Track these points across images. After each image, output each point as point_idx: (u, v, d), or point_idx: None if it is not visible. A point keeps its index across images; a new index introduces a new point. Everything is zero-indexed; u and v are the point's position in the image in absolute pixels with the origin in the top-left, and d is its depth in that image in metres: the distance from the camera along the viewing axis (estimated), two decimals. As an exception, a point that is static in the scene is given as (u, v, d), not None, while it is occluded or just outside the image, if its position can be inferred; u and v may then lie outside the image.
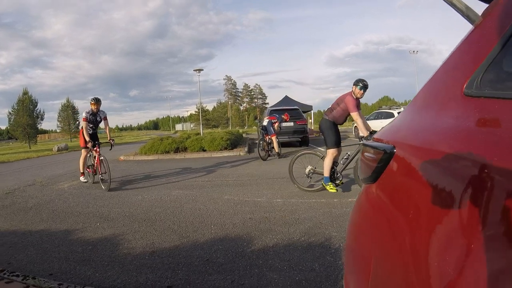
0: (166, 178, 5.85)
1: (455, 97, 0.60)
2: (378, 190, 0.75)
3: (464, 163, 0.50)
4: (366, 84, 3.81)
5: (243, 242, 2.50)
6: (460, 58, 0.66)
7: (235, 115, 65.79)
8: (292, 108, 11.72)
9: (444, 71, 0.68)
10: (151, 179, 5.80)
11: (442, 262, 0.49)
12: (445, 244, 0.50)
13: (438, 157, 0.54)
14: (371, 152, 0.78)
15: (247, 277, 1.93)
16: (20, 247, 2.64)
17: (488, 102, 0.54)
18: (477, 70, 0.58)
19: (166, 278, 1.98)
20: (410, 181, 0.63)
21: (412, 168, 0.62)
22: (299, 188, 4.20)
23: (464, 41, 0.67)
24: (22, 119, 23.62)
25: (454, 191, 0.51)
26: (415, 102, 0.75)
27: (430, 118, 0.65)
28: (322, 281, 1.84)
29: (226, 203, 3.81)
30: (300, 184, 4.22)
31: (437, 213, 0.53)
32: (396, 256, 0.62)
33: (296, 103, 20.11)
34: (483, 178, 0.46)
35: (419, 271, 0.54)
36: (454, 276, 0.47)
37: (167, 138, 11.17)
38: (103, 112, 5.54)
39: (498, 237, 0.42)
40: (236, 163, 7.67)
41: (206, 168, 7.03)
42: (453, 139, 0.54)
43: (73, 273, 2.11)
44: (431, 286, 0.51)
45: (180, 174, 6.28)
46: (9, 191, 5.35)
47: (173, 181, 5.46)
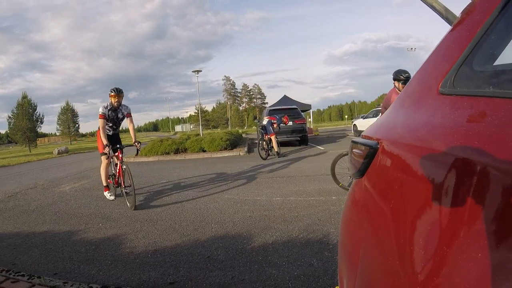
0: (166, 178, 5.90)
1: (432, 95, 0.65)
2: (365, 184, 0.80)
3: (437, 157, 0.55)
4: (409, 76, 3.35)
5: (243, 240, 2.55)
6: (437, 58, 0.71)
7: (234, 115, 65.84)
8: (291, 108, 11.77)
9: (423, 70, 0.74)
10: (151, 180, 5.84)
11: (424, 251, 0.54)
12: (425, 234, 0.55)
13: (414, 151, 0.59)
14: (358, 148, 0.83)
15: (247, 273, 1.98)
16: (24, 249, 2.69)
17: (460, 99, 0.59)
18: (451, 70, 0.63)
19: (168, 275, 2.03)
20: (393, 174, 0.68)
21: (393, 161, 0.67)
22: (341, 187, 4.01)
23: (441, 42, 0.72)
24: (22, 123, 23.68)
25: (431, 184, 0.55)
26: (397, 100, 0.81)
27: (408, 115, 0.70)
28: (320, 276, 1.89)
29: (226, 202, 3.86)
30: (342, 183, 4.05)
31: (417, 205, 0.58)
32: (380, 246, 0.67)
33: (294, 103, 20.16)
34: (455, 170, 0.51)
35: (402, 260, 0.59)
36: (435, 265, 0.52)
37: (167, 140, 11.22)
38: (126, 107, 4.19)
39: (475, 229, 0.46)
40: (236, 163, 7.72)
41: (206, 168, 7.08)
42: (427, 134, 0.59)
43: (77, 272, 2.15)
44: (414, 275, 0.55)
45: (181, 174, 6.33)
46: (11, 194, 5.39)
47: (174, 181, 5.51)
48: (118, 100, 4.02)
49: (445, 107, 0.60)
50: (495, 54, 0.60)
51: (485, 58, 0.61)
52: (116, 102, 4.01)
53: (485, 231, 0.42)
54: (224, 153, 10.03)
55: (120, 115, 4.21)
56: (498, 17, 0.58)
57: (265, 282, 1.86)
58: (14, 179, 7.74)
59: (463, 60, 0.62)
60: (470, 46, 0.62)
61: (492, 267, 0.40)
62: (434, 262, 0.51)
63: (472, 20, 0.64)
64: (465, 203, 0.48)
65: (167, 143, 10.61)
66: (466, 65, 0.61)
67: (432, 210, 0.52)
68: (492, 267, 0.40)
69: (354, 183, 0.92)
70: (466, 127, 0.55)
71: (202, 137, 11.38)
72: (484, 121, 0.51)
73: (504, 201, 0.41)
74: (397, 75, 3.45)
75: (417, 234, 0.54)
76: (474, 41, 0.61)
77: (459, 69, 0.62)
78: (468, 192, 0.48)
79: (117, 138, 4.42)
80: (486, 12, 0.61)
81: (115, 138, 4.35)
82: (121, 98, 4.04)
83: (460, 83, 0.61)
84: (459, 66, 0.62)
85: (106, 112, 4.04)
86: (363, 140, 0.83)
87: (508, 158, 0.42)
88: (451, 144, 0.53)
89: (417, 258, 0.54)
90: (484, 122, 0.51)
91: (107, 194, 4.32)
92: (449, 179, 0.52)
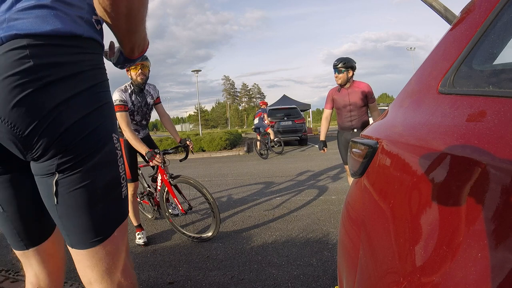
0: (166, 178, 5.89)
1: (431, 95, 0.65)
2: (364, 183, 0.80)
3: (436, 156, 0.55)
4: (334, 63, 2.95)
5: (242, 239, 2.55)
6: (437, 57, 0.71)
7: (234, 115, 65.86)
8: (290, 107, 11.78)
9: (423, 70, 0.73)
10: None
11: (423, 250, 0.54)
12: (425, 233, 0.55)
13: (413, 150, 0.59)
14: (358, 148, 0.83)
15: (247, 273, 1.98)
16: (23, 248, 2.69)
17: (460, 99, 0.59)
18: (450, 69, 0.63)
19: (167, 274, 2.03)
20: (392, 173, 0.68)
21: (392, 161, 0.67)
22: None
23: (441, 42, 0.72)
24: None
25: (430, 183, 0.55)
26: (397, 100, 0.81)
27: (407, 115, 0.70)
28: (320, 276, 1.89)
29: (225, 201, 3.86)
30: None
31: (417, 204, 0.58)
32: (380, 246, 0.67)
33: (294, 102, 20.19)
34: (455, 169, 0.51)
35: (401, 260, 0.59)
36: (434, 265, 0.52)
37: (166, 139, 11.21)
38: (154, 86, 2.64)
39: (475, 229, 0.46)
40: (235, 163, 7.72)
41: (205, 167, 7.08)
42: (426, 134, 0.59)
43: (76, 271, 2.15)
44: (414, 275, 0.55)
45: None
46: (10, 194, 5.39)
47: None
48: (143, 73, 2.36)
49: (444, 107, 0.60)
50: (495, 53, 0.60)
51: (485, 57, 0.61)
52: (139, 76, 2.35)
53: (485, 231, 0.42)
54: (224, 153, 10.03)
55: (150, 100, 2.57)
56: (498, 16, 0.58)
57: (264, 281, 1.86)
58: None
59: (463, 59, 0.62)
60: (470, 45, 0.61)
61: (492, 267, 0.40)
62: (434, 262, 0.51)
63: (471, 19, 0.64)
64: (465, 203, 0.48)
65: (166, 143, 10.61)
66: (465, 64, 0.61)
67: (432, 209, 0.52)
68: (492, 267, 0.40)
69: (354, 183, 0.92)
70: (465, 126, 0.55)
71: (202, 137, 11.39)
72: (484, 120, 0.51)
73: (504, 201, 0.40)
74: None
75: (417, 233, 0.54)
76: (474, 40, 0.61)
77: (459, 68, 0.62)
78: (468, 191, 0.48)
79: (151, 141, 2.79)
80: (485, 11, 0.61)
81: (148, 143, 2.67)
82: (147, 69, 2.39)
83: (460, 83, 0.61)
84: (459, 65, 0.62)
85: (126, 97, 2.35)
86: (363, 139, 0.83)
87: (508, 157, 0.42)
88: (451, 143, 0.53)
89: (417, 258, 0.54)
90: (484, 121, 0.51)
91: (139, 239, 2.59)
92: (449, 178, 0.51)
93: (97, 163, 0.69)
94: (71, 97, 0.64)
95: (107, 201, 0.73)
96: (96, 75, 0.71)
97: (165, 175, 2.55)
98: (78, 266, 0.76)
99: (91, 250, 0.73)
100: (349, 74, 2.90)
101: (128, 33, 0.74)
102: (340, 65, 2.88)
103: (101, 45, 0.75)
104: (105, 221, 0.73)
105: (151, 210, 3.10)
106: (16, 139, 0.62)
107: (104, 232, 0.73)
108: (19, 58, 0.59)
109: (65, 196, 0.68)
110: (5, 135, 0.62)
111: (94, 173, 0.69)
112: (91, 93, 0.68)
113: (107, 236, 0.73)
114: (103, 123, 0.70)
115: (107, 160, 0.72)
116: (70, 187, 0.67)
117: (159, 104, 2.67)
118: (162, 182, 2.60)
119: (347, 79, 2.91)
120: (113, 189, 0.74)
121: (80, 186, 0.68)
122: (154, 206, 3.00)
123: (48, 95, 0.61)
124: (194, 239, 2.57)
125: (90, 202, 0.69)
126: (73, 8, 0.66)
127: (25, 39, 0.60)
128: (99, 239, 0.72)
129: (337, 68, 2.90)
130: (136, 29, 0.73)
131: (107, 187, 0.72)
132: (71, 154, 0.66)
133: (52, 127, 0.63)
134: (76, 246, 0.73)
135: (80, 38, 0.66)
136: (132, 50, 0.80)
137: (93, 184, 0.69)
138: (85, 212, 0.69)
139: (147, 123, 2.70)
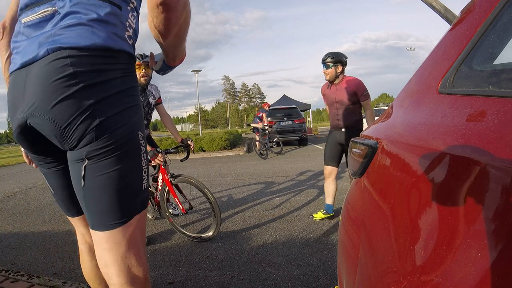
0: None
1: (431, 95, 0.65)
2: (364, 183, 0.80)
3: (436, 156, 0.55)
4: (322, 58, 2.84)
5: (242, 239, 2.55)
6: (437, 57, 0.71)
7: (234, 115, 65.83)
8: (290, 107, 11.78)
9: (423, 70, 0.73)
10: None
11: (423, 250, 0.54)
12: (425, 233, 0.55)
13: (413, 150, 0.59)
14: (358, 148, 0.83)
15: (247, 273, 1.98)
16: (23, 248, 2.69)
17: (460, 99, 0.59)
18: (450, 69, 0.63)
19: (167, 274, 2.03)
20: (392, 173, 0.68)
21: (392, 161, 0.67)
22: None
23: (441, 41, 0.72)
24: (21, 122, 23.59)
25: (430, 183, 0.55)
26: (397, 100, 0.81)
27: (407, 115, 0.70)
28: (320, 276, 1.89)
29: (225, 201, 3.86)
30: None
31: (417, 204, 0.58)
32: (379, 246, 0.67)
33: (294, 102, 20.19)
34: (455, 169, 0.51)
35: (401, 260, 0.59)
36: (434, 265, 0.52)
37: (166, 139, 11.21)
38: (156, 86, 2.67)
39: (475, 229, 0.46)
40: (235, 163, 7.72)
41: (205, 167, 7.08)
42: (426, 134, 0.59)
43: (77, 272, 2.15)
44: (414, 275, 0.55)
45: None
46: (10, 194, 5.39)
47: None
48: (147, 73, 2.36)
49: (444, 107, 0.60)
50: (495, 53, 0.60)
51: (485, 57, 0.61)
52: (143, 76, 2.34)
53: (485, 231, 0.42)
54: (224, 153, 10.03)
55: (152, 100, 2.58)
56: (498, 16, 0.58)
57: (264, 281, 1.86)
58: (14, 178, 7.73)
59: (463, 59, 0.62)
60: (470, 45, 0.61)
61: (492, 267, 0.40)
62: (433, 262, 0.51)
63: (471, 19, 0.64)
64: (465, 203, 0.48)
65: (166, 143, 10.61)
66: (465, 64, 0.61)
67: (432, 209, 0.52)
68: (492, 267, 0.40)
69: (354, 183, 0.92)
70: (465, 126, 0.55)
71: (202, 137, 11.39)
72: (484, 120, 0.51)
73: (504, 201, 0.40)
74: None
75: (417, 233, 0.54)
76: (474, 40, 0.61)
77: (459, 68, 0.62)
78: (468, 191, 0.48)
79: (152, 141, 2.85)
80: (485, 11, 0.61)
81: (150, 142, 2.74)
82: (150, 70, 2.38)
83: (460, 83, 0.61)
84: (459, 65, 0.62)
85: None
86: (363, 140, 0.83)
87: (508, 157, 0.42)
88: (451, 143, 0.53)
89: (417, 258, 0.54)
90: (484, 121, 0.51)
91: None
92: (448, 178, 0.51)
93: (121, 154, 0.80)
94: (103, 98, 0.76)
95: (127, 189, 0.82)
96: (127, 81, 0.83)
97: (166, 175, 2.55)
98: (97, 249, 0.85)
99: (109, 233, 0.81)
100: (338, 70, 2.77)
101: (174, 47, 0.89)
102: (328, 60, 2.77)
103: (132, 56, 0.86)
104: (124, 208, 0.81)
105: (151, 210, 3.09)
106: (56, 132, 0.76)
107: (122, 217, 0.81)
108: (62, 66, 0.73)
109: (91, 180, 0.79)
110: (47, 128, 0.76)
111: (118, 163, 0.79)
112: (120, 96, 0.80)
113: (125, 222, 0.82)
114: (129, 121, 0.81)
115: (131, 153, 0.82)
116: (97, 173, 0.78)
117: (160, 105, 2.70)
118: (163, 182, 2.61)
119: (335, 74, 2.79)
120: (134, 180, 0.84)
121: (105, 173, 0.78)
122: (154, 206, 3.00)
123: (83, 96, 0.74)
124: (194, 239, 2.57)
125: (112, 188, 0.79)
126: (108, 25, 0.79)
127: (67, 51, 0.73)
128: (117, 223, 0.81)
129: (325, 63, 2.79)
130: (181, 43, 0.89)
131: (129, 177, 0.82)
132: (99, 144, 0.77)
133: (85, 122, 0.75)
134: (96, 227, 0.82)
135: (113, 50, 0.79)
136: (174, 59, 0.95)
137: (116, 172, 0.79)
138: (107, 197, 0.79)
139: (148, 123, 2.73)
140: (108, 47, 0.77)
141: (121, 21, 0.82)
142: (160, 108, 2.71)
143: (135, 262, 0.84)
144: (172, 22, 0.77)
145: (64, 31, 0.75)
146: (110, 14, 0.80)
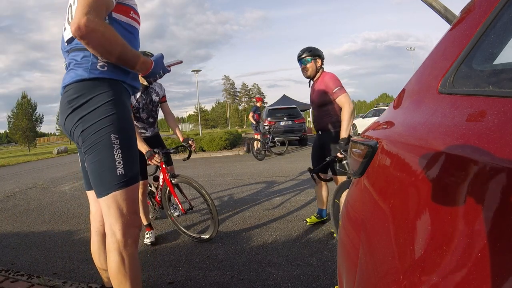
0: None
1: (431, 95, 0.65)
2: (364, 183, 0.80)
3: (436, 156, 0.55)
4: (298, 55, 2.60)
5: (242, 239, 2.55)
6: (437, 57, 0.70)
7: (234, 115, 65.80)
8: (290, 107, 11.77)
9: (423, 70, 0.73)
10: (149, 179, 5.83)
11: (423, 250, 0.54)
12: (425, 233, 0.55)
13: (413, 150, 0.59)
14: (358, 148, 0.83)
15: (247, 273, 1.98)
16: (23, 248, 2.69)
17: (460, 98, 0.59)
18: (450, 69, 0.63)
19: (167, 274, 2.03)
20: (392, 173, 0.68)
21: (392, 161, 0.67)
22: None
23: (441, 41, 0.72)
24: (22, 122, 23.62)
25: (430, 183, 0.55)
26: (396, 100, 0.81)
27: (407, 115, 0.70)
28: (320, 275, 1.89)
29: (225, 201, 3.86)
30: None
31: (417, 204, 0.58)
32: (379, 246, 0.67)
33: (294, 102, 20.18)
34: (455, 169, 0.51)
35: (401, 260, 0.59)
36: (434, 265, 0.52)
37: (166, 139, 11.21)
38: (160, 84, 2.66)
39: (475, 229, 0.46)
40: (235, 163, 7.72)
41: (205, 167, 7.08)
42: (426, 134, 0.59)
43: (76, 272, 2.15)
44: (414, 275, 0.55)
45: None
46: (10, 194, 5.39)
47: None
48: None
49: (444, 106, 0.60)
50: (494, 53, 0.59)
51: (485, 57, 0.61)
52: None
53: (485, 231, 0.42)
54: (224, 153, 10.03)
55: (155, 97, 2.57)
56: (498, 16, 0.58)
57: (264, 281, 1.86)
58: (14, 178, 7.73)
59: (463, 59, 0.62)
60: (470, 45, 0.61)
61: (492, 267, 0.40)
62: (433, 262, 0.51)
63: (471, 19, 0.64)
64: (465, 203, 0.48)
65: (166, 143, 10.59)
66: (465, 64, 0.61)
67: (432, 209, 0.52)
68: (492, 267, 0.40)
69: (354, 183, 0.92)
70: (465, 126, 0.55)
71: (202, 137, 11.38)
72: (484, 120, 0.51)
73: (504, 201, 0.40)
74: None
75: (417, 233, 0.54)
76: (474, 40, 0.61)
77: (459, 68, 0.62)
78: (468, 191, 0.48)
79: (159, 140, 2.79)
80: (485, 11, 0.61)
81: (155, 141, 2.68)
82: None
83: (460, 82, 0.61)
84: (459, 65, 0.62)
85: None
86: (363, 139, 0.83)
87: (508, 157, 0.42)
88: (451, 143, 0.53)
89: (417, 258, 0.54)
90: (484, 121, 0.51)
91: (146, 237, 2.61)
92: (448, 178, 0.51)
93: (97, 151, 1.18)
94: (84, 115, 1.18)
95: (105, 174, 1.19)
96: (103, 98, 1.19)
97: (167, 174, 2.57)
98: (104, 215, 1.24)
99: (102, 200, 1.22)
100: (318, 64, 2.51)
101: (127, 66, 1.24)
102: (305, 55, 2.50)
103: (106, 79, 1.21)
104: (105, 185, 1.20)
105: (152, 210, 3.08)
106: (69, 136, 1.27)
107: (104, 191, 1.20)
108: (65, 95, 1.22)
109: (89, 166, 1.22)
110: (66, 134, 1.29)
111: (96, 156, 1.19)
112: (98, 111, 1.18)
113: (106, 194, 1.20)
114: (105, 127, 1.18)
115: (103, 150, 1.18)
116: (89, 161, 1.21)
117: (165, 103, 2.73)
118: (164, 182, 2.62)
119: (316, 69, 2.52)
120: (109, 168, 1.19)
121: (91, 162, 1.20)
122: (154, 206, 3.00)
123: (74, 115, 1.19)
124: (194, 239, 2.58)
125: (96, 172, 1.20)
126: (82, 65, 1.20)
127: (66, 87, 1.22)
128: (104, 194, 1.20)
129: (303, 59, 2.52)
130: (131, 64, 1.23)
131: (105, 165, 1.19)
132: (86, 143, 1.19)
133: (77, 129, 1.19)
134: (97, 195, 1.23)
135: (87, 79, 1.19)
136: (138, 71, 1.30)
137: (98, 161, 1.19)
138: (96, 177, 1.21)
139: (154, 121, 2.71)
140: (83, 78, 1.18)
141: (91, 59, 1.19)
142: (164, 106, 2.73)
143: (114, 220, 1.21)
144: (99, 50, 1.12)
145: (66, 75, 1.25)
146: (84, 57, 1.20)
